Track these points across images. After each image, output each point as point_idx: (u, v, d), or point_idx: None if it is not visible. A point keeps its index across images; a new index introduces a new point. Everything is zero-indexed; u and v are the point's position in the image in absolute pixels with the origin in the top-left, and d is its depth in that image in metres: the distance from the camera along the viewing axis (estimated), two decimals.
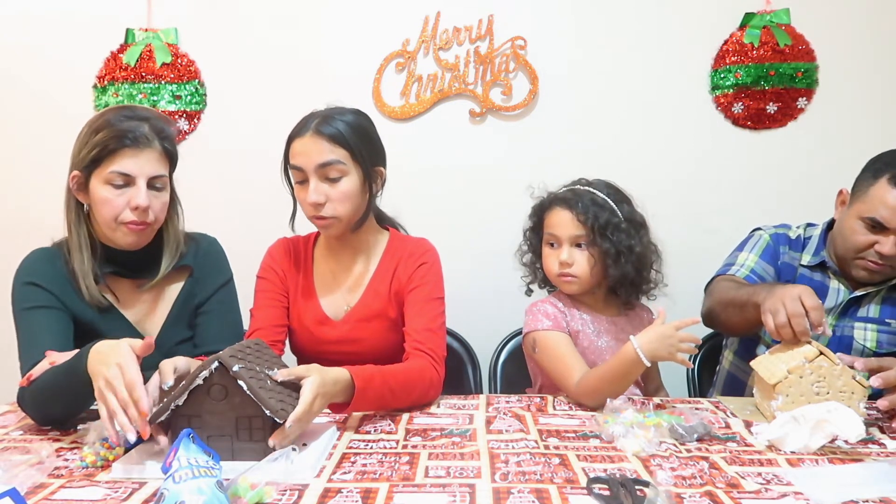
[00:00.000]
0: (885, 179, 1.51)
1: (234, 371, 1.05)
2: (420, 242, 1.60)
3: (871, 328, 1.60)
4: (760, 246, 1.72)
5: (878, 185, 1.52)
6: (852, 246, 1.56)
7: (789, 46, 2.24)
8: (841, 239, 1.61)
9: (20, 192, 2.39)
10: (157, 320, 1.47)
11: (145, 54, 2.34)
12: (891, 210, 1.49)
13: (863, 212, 1.54)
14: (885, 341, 1.60)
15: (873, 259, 1.53)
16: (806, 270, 1.69)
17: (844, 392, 1.23)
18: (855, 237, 1.55)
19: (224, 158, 2.34)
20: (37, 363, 1.23)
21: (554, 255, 1.55)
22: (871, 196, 1.52)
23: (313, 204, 1.43)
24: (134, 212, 1.34)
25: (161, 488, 0.86)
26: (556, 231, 1.54)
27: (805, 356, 1.25)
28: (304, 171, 1.44)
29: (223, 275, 1.55)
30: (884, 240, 1.51)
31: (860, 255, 1.55)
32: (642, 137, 2.30)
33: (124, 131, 1.32)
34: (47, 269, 1.36)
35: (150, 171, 1.35)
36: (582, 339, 1.55)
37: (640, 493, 0.92)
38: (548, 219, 1.57)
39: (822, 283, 1.66)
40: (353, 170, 1.45)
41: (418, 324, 1.48)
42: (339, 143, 1.43)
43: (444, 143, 2.33)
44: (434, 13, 2.30)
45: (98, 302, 1.37)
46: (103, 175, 1.33)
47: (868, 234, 1.53)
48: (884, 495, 0.93)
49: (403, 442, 1.17)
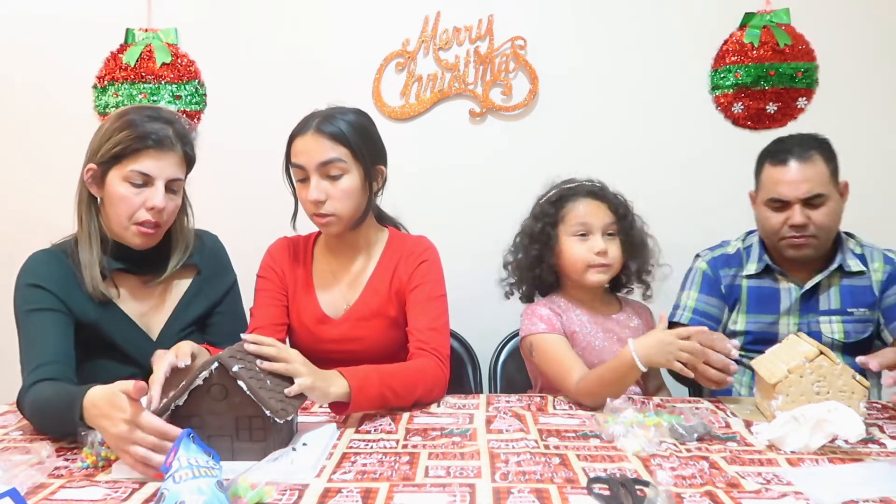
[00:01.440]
0: (767, 163, 1.66)
1: (233, 371, 1.05)
2: (420, 240, 1.60)
3: (836, 320, 1.66)
4: (698, 280, 1.76)
5: (766, 170, 1.67)
6: (771, 230, 1.66)
7: (789, 46, 2.24)
8: (762, 230, 1.71)
9: (20, 192, 2.39)
10: (161, 316, 1.47)
11: (145, 54, 2.34)
12: (783, 183, 1.61)
13: (764, 197, 1.66)
14: (852, 330, 1.66)
15: (793, 234, 1.63)
16: (752, 281, 1.73)
17: (845, 391, 1.23)
18: (769, 222, 1.66)
19: (224, 158, 2.33)
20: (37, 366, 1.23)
21: (585, 246, 1.54)
22: (764, 181, 1.67)
23: (314, 201, 1.44)
24: (149, 212, 1.35)
25: (161, 488, 0.86)
26: (590, 220, 1.54)
27: (805, 356, 1.25)
28: (305, 169, 1.44)
29: (230, 275, 1.58)
30: (791, 213, 1.61)
31: (780, 235, 1.65)
32: (642, 137, 2.30)
33: (149, 132, 1.33)
34: (50, 271, 1.36)
35: (170, 174, 1.36)
36: (580, 339, 1.55)
37: (640, 493, 0.92)
38: (573, 210, 1.56)
39: (771, 288, 1.71)
40: (353, 168, 1.45)
41: (421, 323, 1.48)
42: (340, 141, 1.43)
43: (444, 143, 2.33)
44: (434, 13, 2.30)
45: (100, 295, 1.37)
46: (123, 172, 1.33)
47: (777, 213, 1.64)
48: (884, 495, 0.93)
49: (403, 442, 1.17)
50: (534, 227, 1.61)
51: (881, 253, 1.70)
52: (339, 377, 1.25)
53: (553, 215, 1.58)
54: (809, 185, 1.59)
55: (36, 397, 1.19)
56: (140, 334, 1.43)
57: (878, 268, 1.68)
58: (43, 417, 1.20)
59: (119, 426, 1.02)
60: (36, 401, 1.19)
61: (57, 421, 1.15)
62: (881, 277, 1.67)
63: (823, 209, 1.61)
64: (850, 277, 1.68)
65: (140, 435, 1.02)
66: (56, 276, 1.35)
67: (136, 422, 1.02)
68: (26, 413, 1.23)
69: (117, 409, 1.03)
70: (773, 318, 1.70)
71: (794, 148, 1.62)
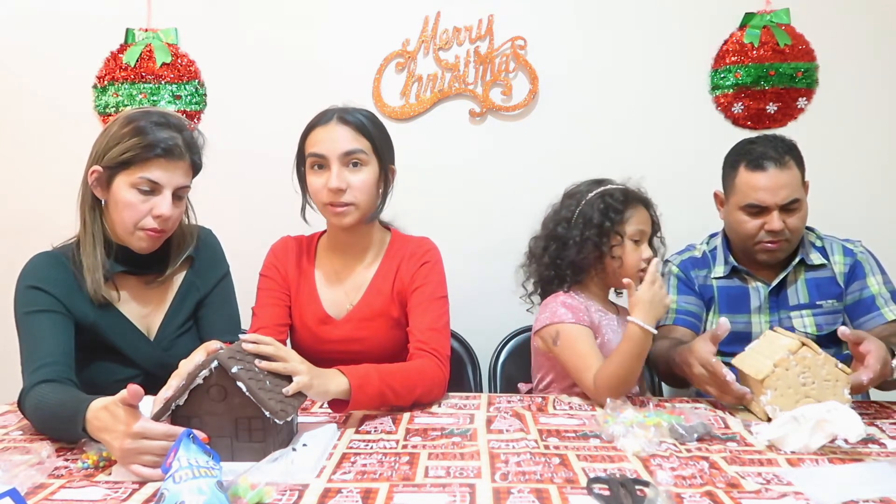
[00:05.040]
0: (742, 168, 1.65)
1: (233, 372, 1.05)
2: (422, 241, 1.60)
3: (807, 314, 1.68)
4: (673, 284, 1.78)
5: (741, 175, 1.65)
6: (746, 235, 1.66)
7: (789, 46, 2.24)
8: (734, 234, 1.71)
9: (20, 192, 2.39)
10: (159, 313, 1.47)
11: (145, 54, 2.34)
12: (761, 190, 1.60)
13: (740, 202, 1.65)
14: (823, 322, 1.68)
15: (768, 240, 1.63)
16: (722, 282, 1.75)
17: (829, 380, 1.24)
18: (744, 227, 1.65)
19: (224, 158, 2.31)
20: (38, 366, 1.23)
21: (637, 253, 1.55)
22: (739, 186, 1.65)
23: (334, 189, 1.44)
24: (156, 219, 1.35)
25: (161, 488, 0.86)
26: (644, 228, 1.57)
27: (788, 348, 1.26)
28: (326, 157, 1.45)
29: (222, 267, 1.57)
30: (768, 218, 1.61)
31: (756, 240, 1.65)
32: (642, 137, 2.30)
33: (158, 141, 1.32)
34: (50, 273, 1.36)
35: (178, 182, 1.37)
36: (605, 331, 1.57)
37: (640, 493, 0.92)
38: (636, 216, 1.56)
39: (741, 288, 1.73)
40: (372, 161, 1.48)
41: (422, 323, 1.48)
42: (362, 133, 1.46)
43: (444, 143, 2.33)
44: (434, 13, 2.30)
45: (101, 299, 1.37)
46: (131, 179, 1.32)
47: (753, 219, 1.64)
48: (884, 495, 0.93)
49: (403, 442, 1.17)
50: (600, 220, 1.55)
51: (840, 245, 1.73)
52: (339, 375, 1.25)
53: (621, 212, 1.55)
54: (787, 192, 1.60)
55: (38, 402, 1.19)
56: (138, 336, 1.43)
57: (839, 260, 1.71)
58: (45, 424, 1.20)
59: (123, 441, 1.02)
60: (38, 406, 1.19)
61: (59, 430, 1.16)
62: (843, 269, 1.70)
63: (798, 214, 1.63)
64: (814, 270, 1.71)
65: (147, 444, 1.01)
66: (56, 279, 1.35)
67: (140, 433, 1.01)
68: (27, 415, 1.23)
69: (119, 421, 1.03)
70: (745, 317, 1.72)
71: (770, 152, 1.61)
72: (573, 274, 1.59)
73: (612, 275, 1.58)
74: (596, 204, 1.56)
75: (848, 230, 1.80)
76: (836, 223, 1.87)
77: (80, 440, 1.13)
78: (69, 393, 1.19)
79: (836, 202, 2.14)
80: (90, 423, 1.08)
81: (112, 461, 1.07)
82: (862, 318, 1.67)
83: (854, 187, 2.23)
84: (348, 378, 1.25)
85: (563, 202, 1.64)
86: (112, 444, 1.04)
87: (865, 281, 1.68)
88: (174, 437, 0.99)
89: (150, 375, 1.36)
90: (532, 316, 1.68)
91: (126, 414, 1.03)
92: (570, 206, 1.61)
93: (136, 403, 1.03)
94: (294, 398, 1.13)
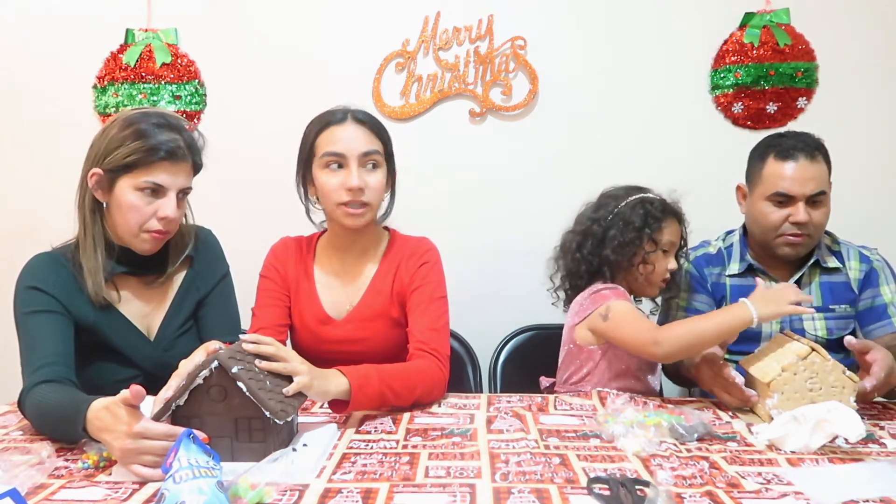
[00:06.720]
0: (772, 157, 1.64)
1: (233, 373, 1.05)
2: (421, 242, 1.60)
3: (819, 317, 1.67)
4: (685, 280, 1.77)
5: (769, 164, 1.64)
6: (769, 226, 1.64)
7: (789, 46, 2.24)
8: (756, 226, 1.69)
9: (20, 192, 2.39)
10: (160, 314, 1.47)
11: (145, 54, 2.34)
12: (789, 179, 1.59)
13: (766, 191, 1.63)
14: (834, 327, 1.67)
15: (792, 232, 1.62)
16: (735, 280, 1.73)
17: (836, 387, 1.24)
18: (768, 218, 1.64)
19: (224, 158, 2.30)
20: (38, 366, 1.23)
21: (665, 264, 1.60)
22: (767, 175, 1.64)
23: (354, 189, 1.43)
24: (161, 221, 1.35)
25: (161, 488, 0.86)
26: (675, 239, 1.61)
27: (797, 354, 1.26)
28: (345, 156, 1.44)
29: (222, 267, 1.57)
30: (794, 209, 1.60)
31: (779, 232, 1.63)
32: (642, 137, 2.30)
33: (161, 143, 1.31)
34: (50, 273, 1.36)
35: (182, 184, 1.37)
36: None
37: (641, 493, 0.92)
38: (670, 227, 1.60)
39: (754, 287, 1.71)
40: (384, 164, 1.50)
41: (422, 324, 1.48)
42: (376, 134, 1.49)
43: (444, 143, 2.33)
44: (434, 13, 2.30)
45: (102, 301, 1.36)
46: (135, 182, 1.32)
47: (779, 209, 1.62)
48: (884, 495, 0.93)
49: (404, 442, 1.17)
50: (640, 225, 1.58)
51: (857, 251, 1.72)
52: (339, 375, 1.25)
53: (658, 221, 1.58)
54: (815, 184, 1.59)
55: (38, 403, 1.19)
56: (138, 336, 1.43)
57: (855, 266, 1.69)
58: (45, 424, 1.20)
59: (124, 441, 1.02)
60: (38, 406, 1.19)
61: (59, 430, 1.16)
62: (858, 276, 1.69)
63: (823, 209, 1.62)
64: (829, 274, 1.69)
65: (147, 444, 1.01)
66: (56, 280, 1.35)
67: (141, 433, 1.01)
68: (28, 415, 1.23)
69: (120, 421, 1.03)
70: None
71: (800, 144, 1.62)
72: (608, 271, 1.60)
73: (638, 280, 1.60)
74: (636, 209, 1.59)
75: (848, 230, 1.80)
76: (836, 223, 1.86)
77: (81, 440, 1.13)
78: (69, 393, 1.19)
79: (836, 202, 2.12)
80: (91, 423, 1.08)
81: (112, 461, 1.07)
82: (872, 325, 1.66)
83: (854, 187, 2.23)
84: (348, 378, 1.25)
85: (600, 201, 1.66)
86: (112, 445, 1.04)
87: (879, 289, 1.67)
88: (174, 438, 0.99)
89: (151, 376, 1.36)
90: (556, 311, 1.71)
91: (127, 414, 1.03)
92: (608, 206, 1.63)
93: (137, 404, 1.03)
94: (294, 398, 1.13)
